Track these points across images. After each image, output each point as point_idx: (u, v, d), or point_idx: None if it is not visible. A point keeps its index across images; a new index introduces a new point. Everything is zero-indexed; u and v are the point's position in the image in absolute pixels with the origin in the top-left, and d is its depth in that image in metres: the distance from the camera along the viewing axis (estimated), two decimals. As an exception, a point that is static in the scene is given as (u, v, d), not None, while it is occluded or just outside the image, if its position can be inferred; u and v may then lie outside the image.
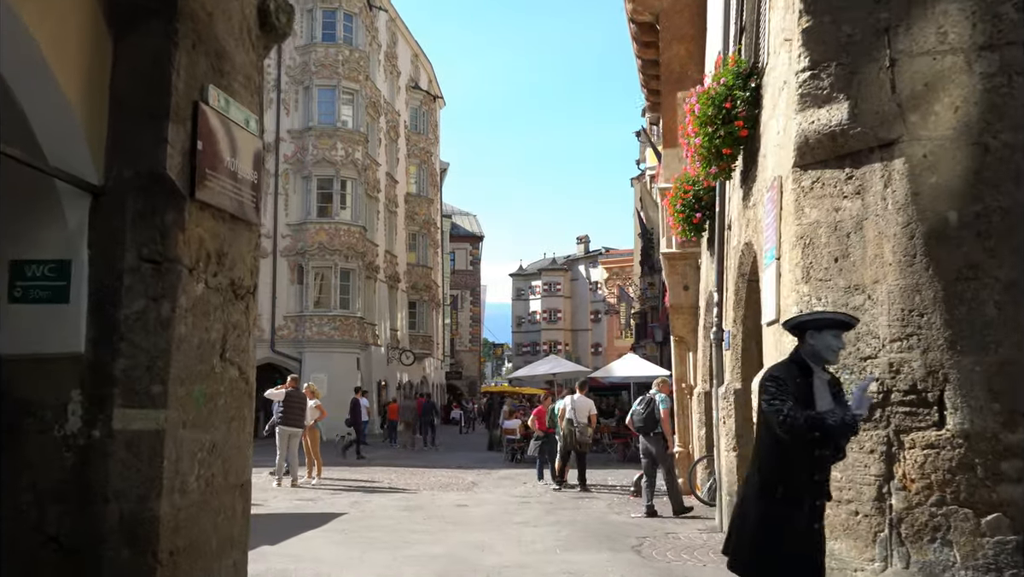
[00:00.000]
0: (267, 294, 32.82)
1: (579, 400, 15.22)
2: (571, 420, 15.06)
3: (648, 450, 11.88)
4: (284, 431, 15.05)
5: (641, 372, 21.50)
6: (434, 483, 15.99)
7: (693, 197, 11.32)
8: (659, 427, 11.65)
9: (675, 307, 14.08)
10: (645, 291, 43.54)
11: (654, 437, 11.78)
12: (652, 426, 11.76)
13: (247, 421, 5.08)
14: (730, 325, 9.38)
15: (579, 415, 15.10)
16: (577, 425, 15.03)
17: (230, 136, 4.84)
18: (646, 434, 11.88)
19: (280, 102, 33.83)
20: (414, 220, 44.06)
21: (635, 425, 12.20)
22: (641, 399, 12.22)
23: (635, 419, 12.16)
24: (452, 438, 33.86)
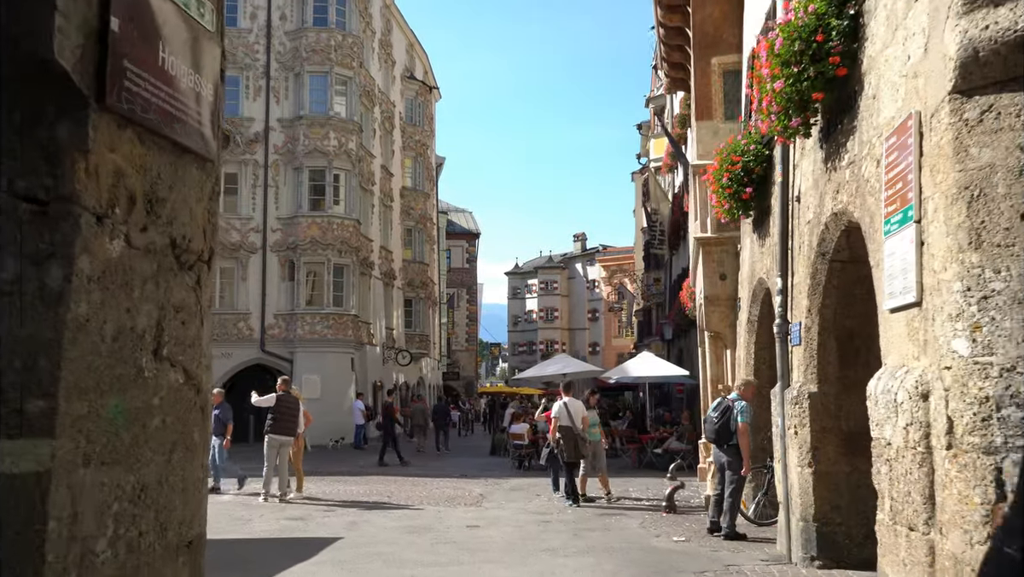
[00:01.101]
0: (257, 291, 31.25)
1: (572, 404, 13.68)
2: (570, 427, 13.51)
3: (721, 462, 10.27)
4: (274, 440, 13.49)
5: (659, 372, 19.98)
6: (438, 496, 14.42)
7: (743, 170, 9.79)
8: (734, 438, 10.01)
9: (710, 299, 12.55)
10: (650, 287, 42.08)
11: (728, 449, 10.12)
12: (726, 437, 10.08)
13: (198, 449, 3.48)
14: (802, 316, 7.84)
15: (575, 420, 13.57)
16: (578, 432, 13.50)
17: (171, 24, 3.24)
18: (719, 445, 10.24)
19: (269, 90, 32.20)
20: (410, 215, 42.46)
21: (707, 435, 10.58)
22: (717, 404, 10.54)
23: (707, 427, 10.51)
24: (451, 441, 32.23)
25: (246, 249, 31.41)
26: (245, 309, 31.25)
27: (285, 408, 13.56)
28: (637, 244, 56.12)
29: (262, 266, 31.38)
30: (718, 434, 10.04)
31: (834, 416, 7.57)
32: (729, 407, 9.99)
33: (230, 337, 31.06)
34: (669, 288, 36.52)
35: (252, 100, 32.16)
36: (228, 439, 14.29)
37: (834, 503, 7.52)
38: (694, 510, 12.42)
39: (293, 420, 13.54)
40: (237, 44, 32.17)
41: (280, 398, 13.65)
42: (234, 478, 14.54)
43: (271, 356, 31.19)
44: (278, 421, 13.53)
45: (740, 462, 9.86)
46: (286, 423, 13.51)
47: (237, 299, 31.45)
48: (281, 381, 14.11)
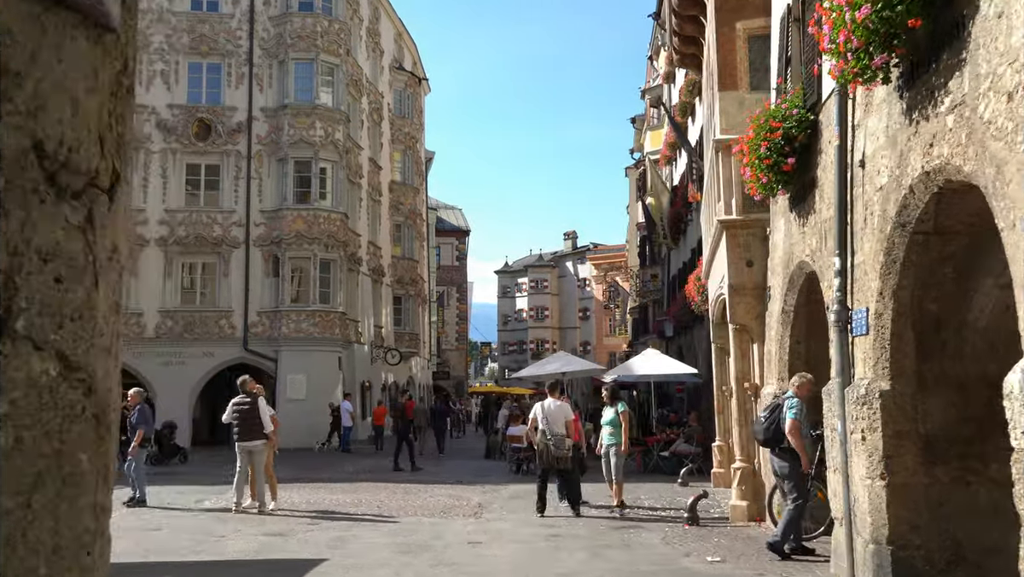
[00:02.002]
0: (239, 288, 29.93)
1: (552, 406, 12.45)
2: (544, 431, 12.30)
3: (776, 468, 9.02)
4: (242, 448, 12.27)
5: (665, 370, 18.78)
6: (433, 506, 13.17)
7: (783, 138, 8.59)
8: (786, 440, 8.74)
9: (736, 288, 11.34)
10: (646, 284, 40.91)
11: (781, 452, 8.83)
12: (778, 439, 8.79)
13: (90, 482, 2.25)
14: (868, 301, 6.64)
15: (554, 424, 12.34)
16: (552, 438, 12.26)
17: None
18: (771, 448, 9.01)
19: (252, 77, 30.87)
20: (399, 210, 41.17)
21: (756, 437, 9.35)
22: (769, 403, 9.30)
23: (756, 429, 9.25)
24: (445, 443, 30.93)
25: (228, 244, 30.08)
26: (227, 306, 29.93)
27: (239, 411, 12.32)
28: (631, 240, 55.00)
29: (245, 261, 30.06)
30: (768, 436, 8.79)
31: (911, 418, 6.37)
32: (779, 405, 8.77)
33: (211, 336, 29.75)
34: (667, 284, 35.39)
35: (234, 88, 30.83)
36: (135, 445, 13.00)
37: (912, 522, 6.32)
38: (718, 522, 11.23)
39: (251, 422, 12.26)
40: (219, 30, 30.87)
41: (233, 403, 12.46)
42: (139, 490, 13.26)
43: (254, 355, 29.86)
44: (237, 426, 12.33)
45: (796, 465, 8.59)
46: (245, 427, 12.27)
47: (219, 296, 30.12)
48: (240, 381, 12.84)
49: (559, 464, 12.40)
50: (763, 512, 10.93)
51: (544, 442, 12.57)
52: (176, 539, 10.02)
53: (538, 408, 12.80)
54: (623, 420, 12.41)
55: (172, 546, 9.58)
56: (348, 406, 27.27)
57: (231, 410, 12.46)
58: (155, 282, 29.62)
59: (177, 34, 30.57)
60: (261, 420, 12.37)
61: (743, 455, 11.47)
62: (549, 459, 12.48)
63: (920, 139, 5.58)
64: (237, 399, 12.49)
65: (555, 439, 12.42)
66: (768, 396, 10.44)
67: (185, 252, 30.04)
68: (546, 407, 12.65)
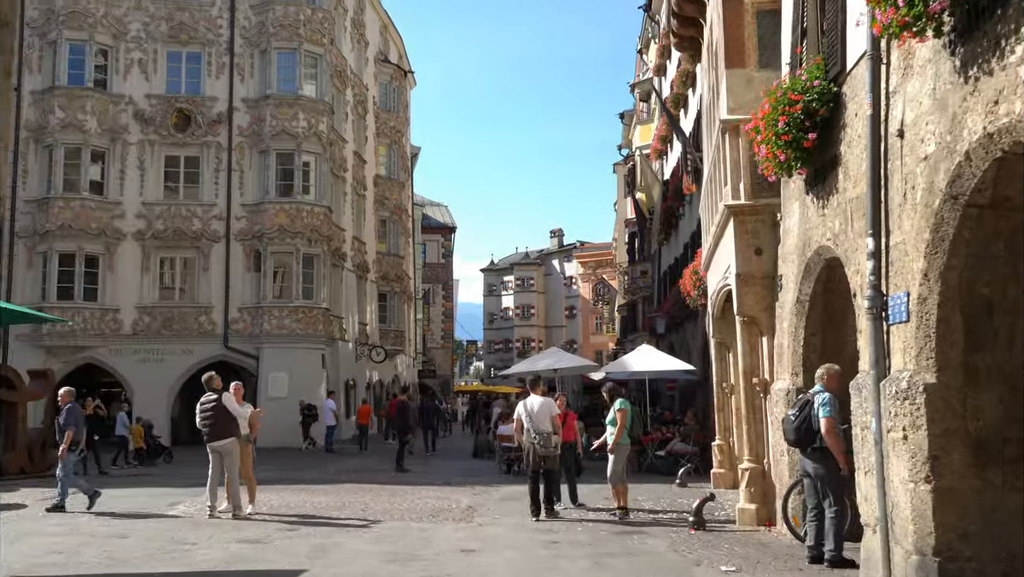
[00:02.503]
0: (220, 283, 29.09)
1: (535, 404, 11.75)
2: (529, 430, 11.63)
3: (808, 471, 8.16)
4: (211, 448, 11.56)
5: (661, 366, 18.11)
6: (422, 509, 12.44)
7: (803, 112, 7.91)
8: (819, 440, 8.01)
9: (744, 278, 10.67)
10: (636, 280, 40.30)
11: (814, 453, 7.99)
12: (810, 438, 7.95)
13: None
14: (910, 284, 5.97)
15: (539, 422, 11.64)
16: (537, 437, 11.58)
17: None
18: (803, 449, 8.13)
19: (234, 67, 30.00)
20: (384, 205, 40.35)
21: (786, 437, 8.40)
22: (799, 400, 8.43)
23: (786, 428, 8.31)
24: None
25: (208, 238, 29.23)
26: (207, 302, 29.06)
27: (205, 409, 11.57)
28: (619, 237, 54.38)
29: (225, 256, 29.23)
30: (799, 435, 8.03)
31: (960, 415, 5.71)
32: (809, 401, 8.04)
33: (190, 332, 28.90)
34: (658, 280, 34.77)
35: (215, 78, 29.98)
36: (64, 448, 12.21)
37: (962, 530, 5.65)
38: (724, 526, 10.55)
39: (218, 420, 11.49)
40: (198, 18, 30.00)
41: (200, 403, 11.72)
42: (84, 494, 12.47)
43: (235, 353, 29.04)
44: (206, 426, 11.58)
45: (833, 466, 7.85)
46: (212, 426, 11.52)
47: (198, 291, 29.26)
48: (205, 378, 12.05)
49: (546, 464, 11.71)
50: (773, 516, 10.27)
51: (530, 441, 11.91)
52: (143, 547, 9.26)
53: (521, 407, 12.09)
54: (619, 418, 11.69)
55: (137, 556, 8.81)
56: (332, 405, 26.47)
57: (199, 410, 11.70)
58: (132, 277, 28.72)
59: (155, 22, 29.66)
60: (230, 417, 11.60)
61: (751, 455, 10.80)
62: (536, 459, 11.81)
63: (981, 97, 4.91)
64: (203, 398, 11.74)
65: (540, 438, 11.74)
66: (780, 392, 9.78)
67: (164, 246, 29.15)
68: (528, 405, 11.96)
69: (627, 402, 11.87)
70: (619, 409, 11.71)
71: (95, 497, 12.43)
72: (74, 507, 12.52)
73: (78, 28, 28.53)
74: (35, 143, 28.51)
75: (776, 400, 9.95)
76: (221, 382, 11.87)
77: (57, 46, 28.49)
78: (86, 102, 28.38)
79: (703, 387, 21.46)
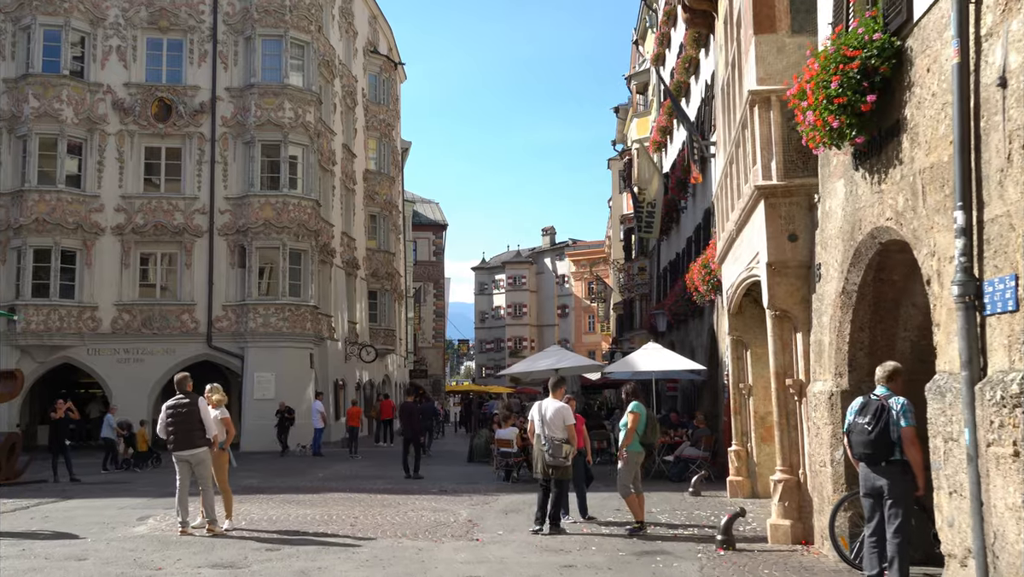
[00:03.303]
0: (203, 280, 27.92)
1: (551, 408, 10.70)
2: (539, 436, 10.60)
3: (878, 487, 6.83)
4: (178, 458, 10.41)
5: (671, 365, 17.02)
6: (417, 524, 11.31)
7: (860, 70, 6.83)
8: (898, 452, 6.87)
9: (776, 267, 9.57)
10: (633, 277, 39.26)
11: (890, 468, 6.75)
12: (886, 451, 6.71)
13: None
14: (1020, 268, 4.88)
15: (551, 428, 10.59)
16: (547, 444, 10.53)
17: None
18: (874, 464, 6.83)
19: (216, 55, 28.81)
20: (374, 200, 39.18)
21: (855, 451, 7.01)
22: (863, 405, 7.01)
23: (854, 439, 6.98)
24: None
25: (191, 233, 28.02)
26: (189, 300, 27.87)
27: (175, 414, 10.40)
28: (614, 234, 53.33)
29: (209, 251, 28.05)
30: (875, 448, 6.84)
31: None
32: (883, 407, 6.87)
33: (172, 331, 27.70)
34: (657, 276, 33.72)
35: (197, 66, 28.77)
36: None
37: (1091, 569, 4.57)
38: (755, 544, 9.47)
39: (190, 426, 10.33)
40: (180, 4, 28.78)
41: (167, 405, 10.56)
42: None
43: (219, 352, 27.86)
44: (173, 432, 10.41)
45: (910, 484, 6.73)
46: (182, 433, 10.35)
47: (181, 288, 28.06)
48: (177, 378, 10.88)
49: (555, 473, 10.62)
50: (810, 533, 9.20)
51: (539, 448, 10.83)
52: (101, 573, 8.11)
53: (535, 409, 11.01)
54: (630, 422, 10.58)
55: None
56: (319, 406, 25.30)
57: (165, 413, 10.53)
58: (111, 273, 27.51)
59: (135, 8, 28.43)
60: (202, 424, 10.44)
61: (784, 465, 9.71)
62: (544, 468, 10.74)
63: None
64: (172, 401, 10.55)
65: (550, 445, 10.67)
66: (821, 395, 8.69)
67: (144, 241, 27.93)
68: (543, 409, 10.89)
69: (641, 405, 10.77)
70: (631, 412, 10.61)
71: None
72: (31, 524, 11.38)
73: (53, 13, 27.28)
74: (8, 133, 27.26)
75: (815, 404, 8.87)
76: (193, 385, 10.72)
77: (31, 31, 27.22)
78: (62, 90, 27.13)
79: (709, 388, 20.41)
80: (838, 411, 8.29)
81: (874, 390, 7.14)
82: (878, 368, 7.19)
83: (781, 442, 9.79)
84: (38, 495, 15.03)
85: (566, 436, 10.62)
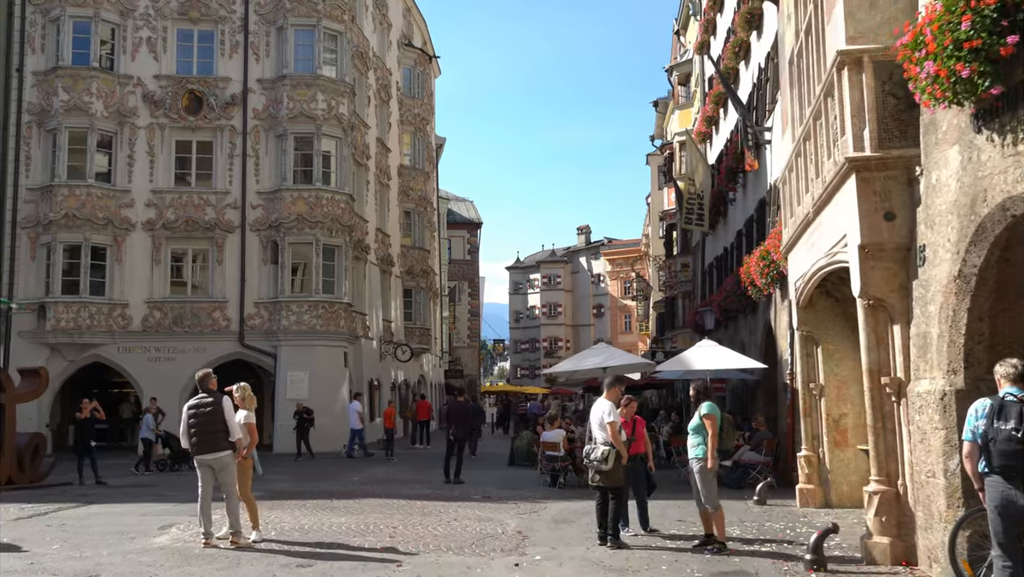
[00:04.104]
0: (235, 276, 27.18)
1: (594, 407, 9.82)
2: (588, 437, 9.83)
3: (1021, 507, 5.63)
4: (201, 462, 9.51)
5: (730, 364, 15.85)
6: (462, 536, 10.30)
7: (998, 8, 5.72)
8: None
9: (871, 249, 8.43)
10: (676, 274, 38.06)
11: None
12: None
13: None
14: None
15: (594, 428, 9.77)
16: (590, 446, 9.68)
17: None
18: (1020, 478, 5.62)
19: (248, 46, 28.06)
20: (408, 196, 38.30)
21: (996, 462, 5.66)
22: (999, 408, 5.69)
23: (997, 449, 5.63)
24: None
25: (222, 228, 27.29)
26: (221, 297, 27.13)
27: (197, 414, 9.47)
28: (653, 231, 52.07)
29: (241, 247, 27.30)
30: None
31: None
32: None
33: (204, 329, 26.98)
34: (701, 273, 32.51)
35: (228, 58, 28.04)
36: None
37: None
38: (849, 565, 8.32)
39: (214, 427, 9.41)
40: (211, -7, 28.03)
41: (189, 405, 9.63)
42: None
43: (251, 351, 27.12)
44: (195, 434, 9.48)
45: None
46: (205, 434, 9.43)
47: (212, 286, 27.34)
48: (199, 375, 9.95)
49: (602, 480, 9.56)
50: (912, 553, 8.05)
51: (585, 452, 9.88)
52: (112, 594, 7.20)
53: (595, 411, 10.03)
54: (708, 425, 9.41)
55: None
56: (357, 407, 24.40)
57: (186, 414, 9.62)
58: (142, 270, 26.86)
59: (165, -2, 27.77)
60: (226, 425, 9.52)
61: (880, 475, 8.55)
62: (590, 474, 9.76)
63: None
64: (194, 400, 9.63)
65: (590, 447, 9.70)
66: (929, 396, 7.55)
67: (175, 237, 27.24)
68: (596, 408, 9.93)
69: (715, 406, 9.65)
70: (706, 415, 9.46)
71: None
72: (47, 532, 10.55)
73: (83, 4, 26.69)
74: (38, 127, 26.71)
75: (920, 405, 7.73)
76: (217, 382, 9.81)
77: (60, 24, 26.67)
78: (92, 83, 26.53)
79: (764, 387, 19.17)
80: (952, 414, 7.16)
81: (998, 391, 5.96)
82: (1000, 364, 5.99)
83: (876, 448, 8.64)
84: (60, 499, 14.25)
85: (605, 438, 9.58)
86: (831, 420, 12.60)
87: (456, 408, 17.90)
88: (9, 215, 26.25)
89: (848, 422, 12.57)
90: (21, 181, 26.45)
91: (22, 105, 26.70)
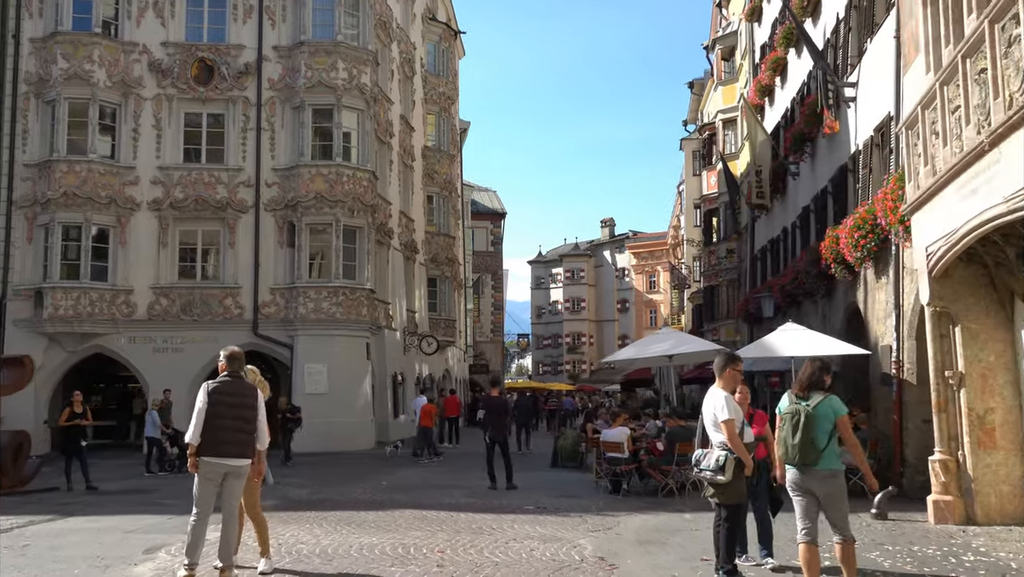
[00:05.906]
0: (248, 260, 25.00)
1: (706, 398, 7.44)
2: None
3: None
4: (207, 467, 7.10)
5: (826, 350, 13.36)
6: (530, 566, 7.97)
7: None
8: None
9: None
10: (720, 261, 35.62)
11: None
12: None
13: None
14: None
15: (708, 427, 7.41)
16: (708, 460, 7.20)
17: None
18: None
19: (263, 10, 25.85)
20: (433, 180, 36.04)
21: None
22: None
23: None
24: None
25: (235, 208, 25.10)
26: (234, 282, 24.93)
27: (231, 404, 7.15)
28: (687, 220, 49.56)
29: (255, 229, 25.10)
30: None
31: None
32: None
33: (214, 318, 24.80)
34: (751, 258, 30.06)
35: (241, 23, 25.84)
36: None
37: None
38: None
39: (249, 426, 7.14)
40: (222, -46, 25.83)
41: (210, 393, 7.23)
42: None
43: (266, 341, 24.91)
44: (208, 431, 7.12)
45: None
46: (237, 433, 7.12)
47: (224, 270, 25.16)
48: (225, 357, 7.58)
49: (715, 494, 7.23)
50: None
51: (694, 459, 7.49)
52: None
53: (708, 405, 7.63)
54: (843, 432, 6.88)
55: None
56: (423, 401, 22.45)
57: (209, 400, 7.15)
58: (148, 254, 24.70)
59: (173, -42, 25.61)
60: (248, 423, 7.23)
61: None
62: (705, 488, 7.44)
63: None
64: (222, 384, 7.22)
65: (704, 454, 7.33)
66: None
67: (183, 218, 25.07)
68: (704, 401, 7.55)
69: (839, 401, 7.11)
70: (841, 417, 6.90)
71: None
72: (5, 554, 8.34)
73: (84, -36, 24.58)
74: (35, 98, 24.60)
75: None
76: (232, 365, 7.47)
77: (59, -15, 24.58)
78: (93, 50, 24.37)
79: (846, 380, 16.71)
80: None
81: None
82: None
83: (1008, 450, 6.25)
84: (37, 509, 12.08)
85: (723, 439, 7.22)
86: (974, 416, 10.22)
87: (492, 404, 15.38)
88: (4, 193, 24.17)
89: (996, 419, 10.20)
90: (17, 157, 24.34)
91: (18, 74, 24.59)
